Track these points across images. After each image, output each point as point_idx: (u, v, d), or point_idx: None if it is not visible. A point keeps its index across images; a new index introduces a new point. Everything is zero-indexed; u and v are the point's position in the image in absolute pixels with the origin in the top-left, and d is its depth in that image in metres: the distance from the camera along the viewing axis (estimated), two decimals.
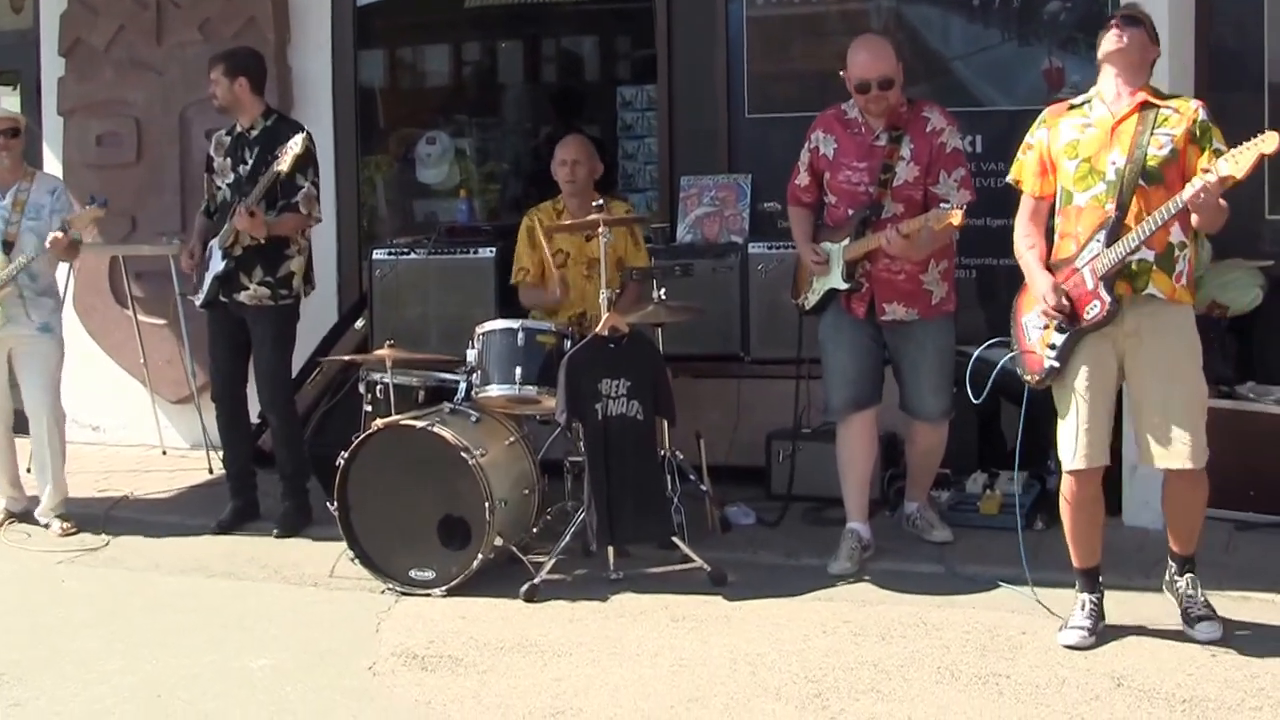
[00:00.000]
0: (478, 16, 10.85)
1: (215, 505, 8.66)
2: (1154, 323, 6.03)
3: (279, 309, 8.37)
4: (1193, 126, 6.01)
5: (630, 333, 7.29)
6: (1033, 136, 6.40)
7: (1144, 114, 6.06)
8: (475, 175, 10.98)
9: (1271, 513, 7.51)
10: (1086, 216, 6.10)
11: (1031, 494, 7.97)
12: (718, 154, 9.58)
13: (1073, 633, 6.19)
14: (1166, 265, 6.03)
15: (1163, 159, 5.98)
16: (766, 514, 8.24)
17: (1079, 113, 6.25)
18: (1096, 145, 6.11)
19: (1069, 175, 6.17)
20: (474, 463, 7.01)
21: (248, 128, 8.40)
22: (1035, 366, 6.25)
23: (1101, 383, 6.10)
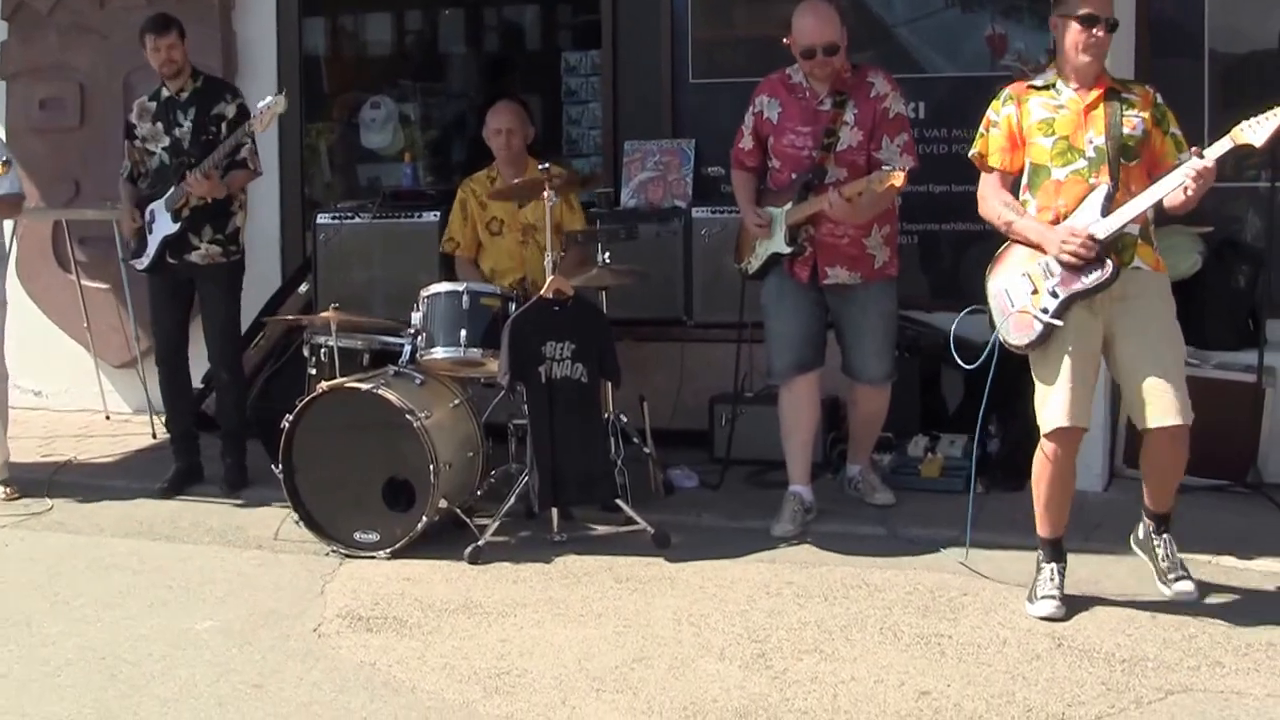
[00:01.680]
0: None
1: (159, 469, 8.65)
2: (1139, 290, 6.11)
3: (230, 264, 8.43)
4: (1154, 111, 6.18)
5: (574, 296, 7.31)
6: (998, 114, 6.40)
7: (1109, 95, 6.17)
8: (419, 140, 10.96)
9: (1209, 477, 7.58)
10: (1068, 190, 6.15)
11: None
12: (662, 119, 9.60)
13: (1046, 603, 6.16)
14: (1148, 239, 6.20)
15: (1137, 139, 6.12)
16: (709, 477, 8.28)
17: (1046, 94, 6.30)
18: (1071, 125, 6.18)
19: (1045, 151, 6.21)
20: (418, 425, 7.02)
21: (177, 91, 8.38)
22: (1026, 329, 6.17)
23: (1089, 347, 6.14)
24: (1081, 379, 6.10)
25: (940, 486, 7.89)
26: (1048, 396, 6.14)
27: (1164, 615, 6.04)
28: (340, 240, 9.31)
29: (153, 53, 8.35)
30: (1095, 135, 6.12)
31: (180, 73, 8.38)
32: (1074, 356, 6.08)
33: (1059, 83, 6.29)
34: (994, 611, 6.16)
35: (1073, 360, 6.08)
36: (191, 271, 8.38)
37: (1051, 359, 6.13)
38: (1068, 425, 6.09)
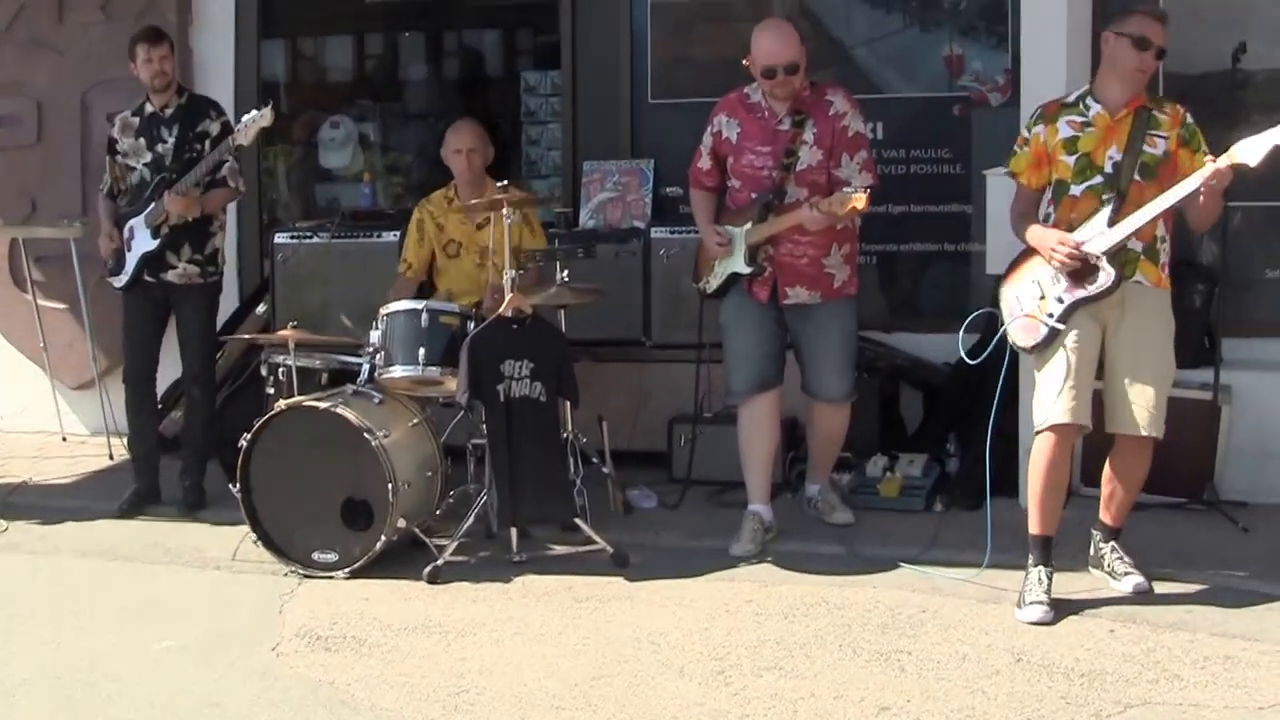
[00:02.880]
0: (381, 8, 10.82)
1: (117, 490, 8.59)
2: (1138, 303, 6.35)
3: (207, 285, 8.42)
4: (1182, 130, 6.34)
5: (533, 314, 7.31)
6: (1029, 131, 6.60)
7: (1139, 115, 6.34)
8: (379, 160, 10.95)
9: (1166, 494, 7.62)
10: (1082, 205, 6.38)
11: (931, 477, 8.06)
12: (621, 140, 9.63)
13: (1034, 609, 6.27)
14: (1152, 256, 6.38)
15: (1158, 158, 6.30)
16: (669, 497, 8.27)
17: (1075, 111, 6.48)
18: (1095, 142, 6.38)
19: (1068, 169, 6.42)
20: (377, 444, 7.00)
21: (161, 106, 8.35)
22: (1031, 332, 6.40)
23: (1089, 349, 6.36)
24: (1082, 379, 6.33)
25: (899, 506, 7.92)
26: (1050, 394, 6.35)
27: (1123, 629, 6.07)
28: (298, 260, 9.30)
29: (144, 64, 8.30)
30: (1116, 151, 6.31)
31: (168, 87, 8.35)
32: (1076, 357, 6.31)
33: (1089, 99, 6.47)
34: (954, 628, 6.17)
35: (1075, 361, 6.31)
36: (168, 291, 8.35)
37: (1055, 359, 6.35)
38: (1068, 421, 6.30)
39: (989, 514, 6.69)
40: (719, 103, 7.61)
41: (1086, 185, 6.37)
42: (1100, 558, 6.61)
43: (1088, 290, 6.25)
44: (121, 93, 9.11)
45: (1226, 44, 7.84)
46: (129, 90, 8.87)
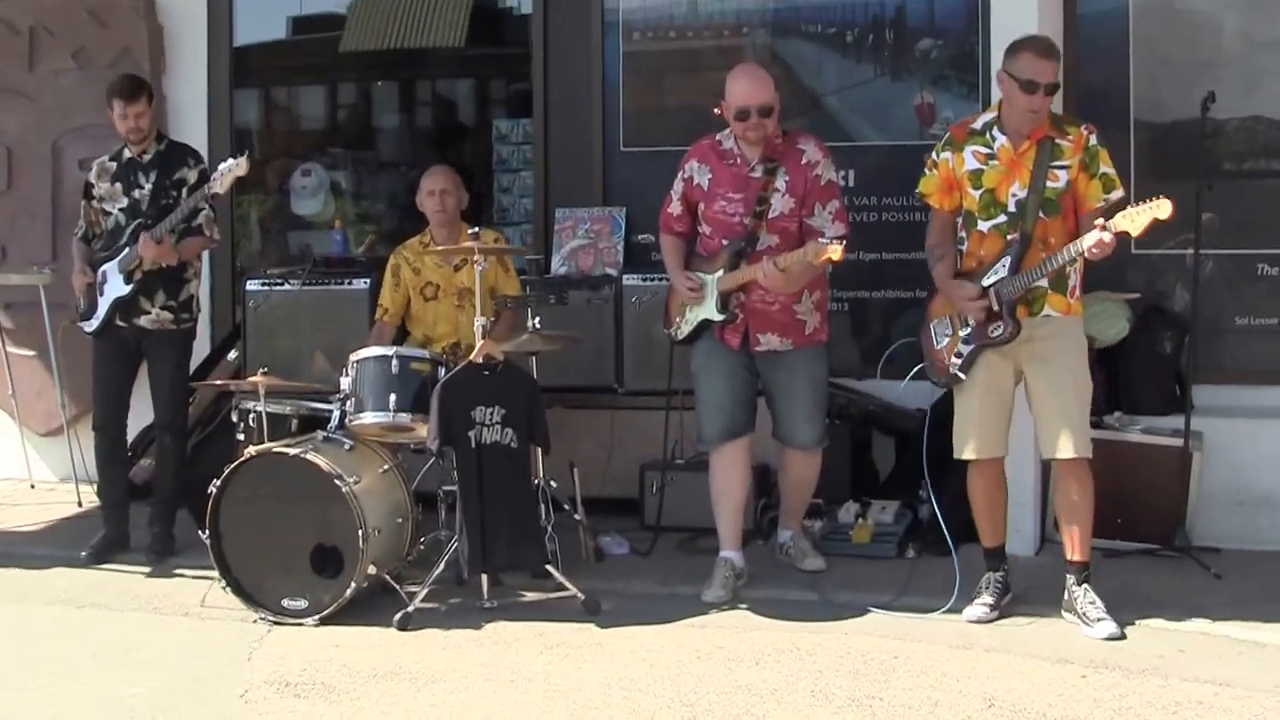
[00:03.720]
0: (354, 58, 10.83)
1: (85, 537, 8.52)
2: (1048, 333, 6.59)
3: (180, 331, 8.39)
4: (1084, 155, 6.51)
5: (505, 361, 7.30)
6: (939, 155, 6.84)
7: (1041, 146, 6.51)
8: (350, 207, 10.94)
9: (1138, 540, 7.64)
10: (989, 243, 6.62)
11: (903, 523, 8.06)
12: (593, 187, 9.66)
13: (976, 608, 6.79)
14: (1060, 287, 6.60)
15: (1059, 191, 6.50)
16: (640, 544, 8.26)
17: (981, 140, 6.68)
18: (999, 177, 6.58)
19: (974, 201, 6.65)
20: (347, 490, 6.96)
21: (140, 153, 8.35)
22: (941, 370, 6.78)
23: (997, 386, 6.68)
24: (990, 416, 6.69)
25: (871, 552, 7.91)
26: (961, 430, 6.73)
27: (1095, 675, 6.04)
28: (270, 307, 9.29)
29: (120, 118, 8.30)
30: (1019, 188, 6.50)
31: (145, 138, 8.35)
32: (984, 395, 6.67)
33: (995, 129, 6.64)
34: (925, 674, 6.14)
35: (983, 399, 6.66)
36: (140, 336, 8.32)
37: (965, 397, 6.72)
38: (975, 459, 6.70)
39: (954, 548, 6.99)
40: (691, 149, 7.63)
41: (992, 224, 6.61)
42: (1073, 601, 6.63)
43: (990, 338, 6.56)
44: (93, 140, 9.16)
45: (1196, 93, 7.87)
46: (100, 137, 8.94)
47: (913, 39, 9.12)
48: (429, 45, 10.60)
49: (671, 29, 9.60)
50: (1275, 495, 7.93)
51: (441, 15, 10.51)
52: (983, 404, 6.65)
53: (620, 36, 9.64)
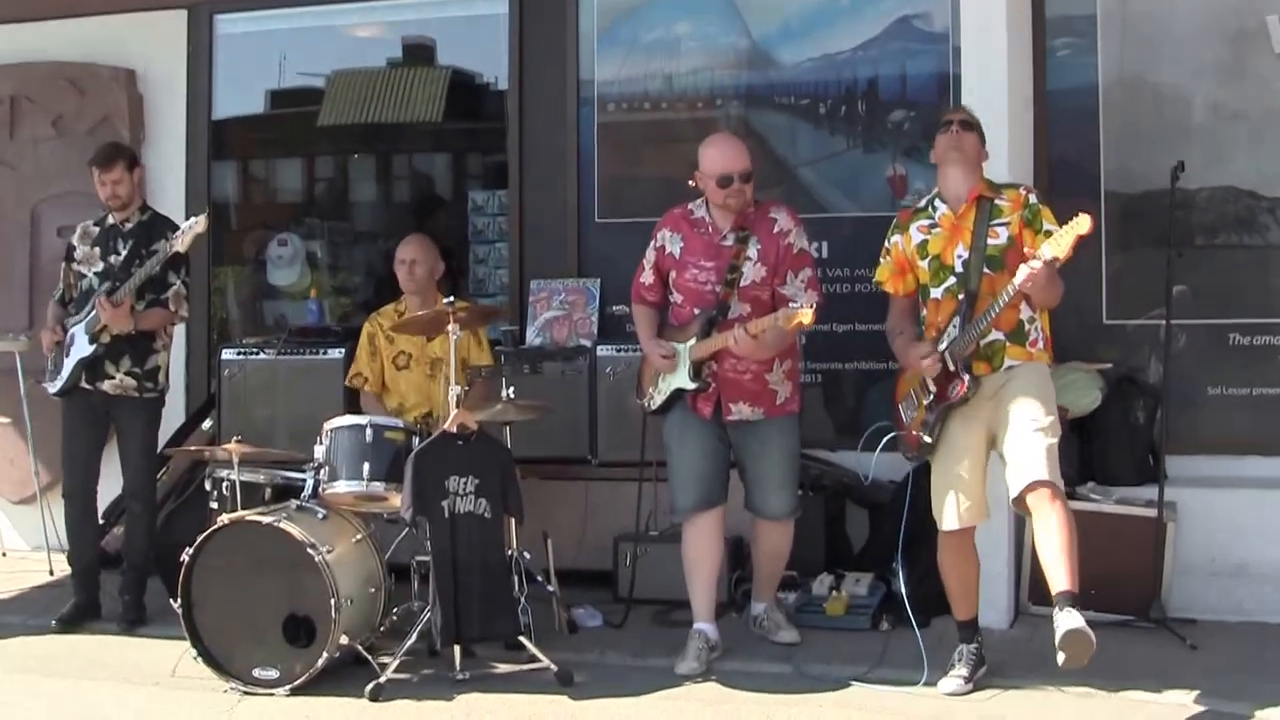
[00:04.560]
0: (331, 131, 10.89)
1: (56, 605, 8.48)
2: (1010, 378, 6.55)
3: (144, 400, 8.37)
4: (1024, 212, 6.57)
5: (479, 430, 7.30)
6: (889, 241, 6.89)
7: (980, 206, 6.60)
8: (326, 277, 10.96)
9: (1113, 611, 7.63)
10: (944, 307, 6.65)
11: (877, 595, 8.05)
12: (568, 259, 9.70)
13: (950, 680, 6.74)
14: (1019, 338, 6.59)
15: (1002, 247, 6.53)
16: (614, 616, 8.23)
17: (924, 215, 6.78)
18: (943, 242, 6.65)
19: (925, 273, 6.69)
20: (320, 559, 6.95)
21: (122, 220, 8.38)
22: (913, 443, 6.76)
23: (969, 448, 6.61)
24: (964, 482, 6.60)
25: (845, 624, 7.89)
26: (938, 499, 6.66)
27: None
28: (244, 376, 9.32)
29: (99, 185, 8.35)
30: (963, 249, 6.57)
31: (127, 205, 8.39)
32: (956, 460, 6.61)
33: (936, 200, 6.76)
34: None
35: (955, 465, 6.60)
36: (108, 404, 8.32)
37: (938, 465, 6.66)
38: (955, 528, 6.63)
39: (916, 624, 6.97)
40: (662, 218, 7.67)
41: (944, 287, 6.65)
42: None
43: (950, 399, 6.52)
44: (71, 207, 9.22)
45: (1166, 164, 7.93)
46: (79, 205, 9.04)
47: (885, 111, 9.21)
48: (406, 120, 10.67)
49: (646, 101, 9.69)
50: (1250, 565, 7.92)
51: (418, 91, 10.58)
52: (956, 470, 6.60)
53: (595, 108, 9.71)
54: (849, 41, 9.27)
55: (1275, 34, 8.44)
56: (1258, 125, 8.52)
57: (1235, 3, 8.53)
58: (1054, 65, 8.78)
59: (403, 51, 10.77)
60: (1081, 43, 8.79)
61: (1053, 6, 8.77)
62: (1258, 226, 8.54)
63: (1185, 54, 8.62)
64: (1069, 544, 6.33)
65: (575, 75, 9.73)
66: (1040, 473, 6.34)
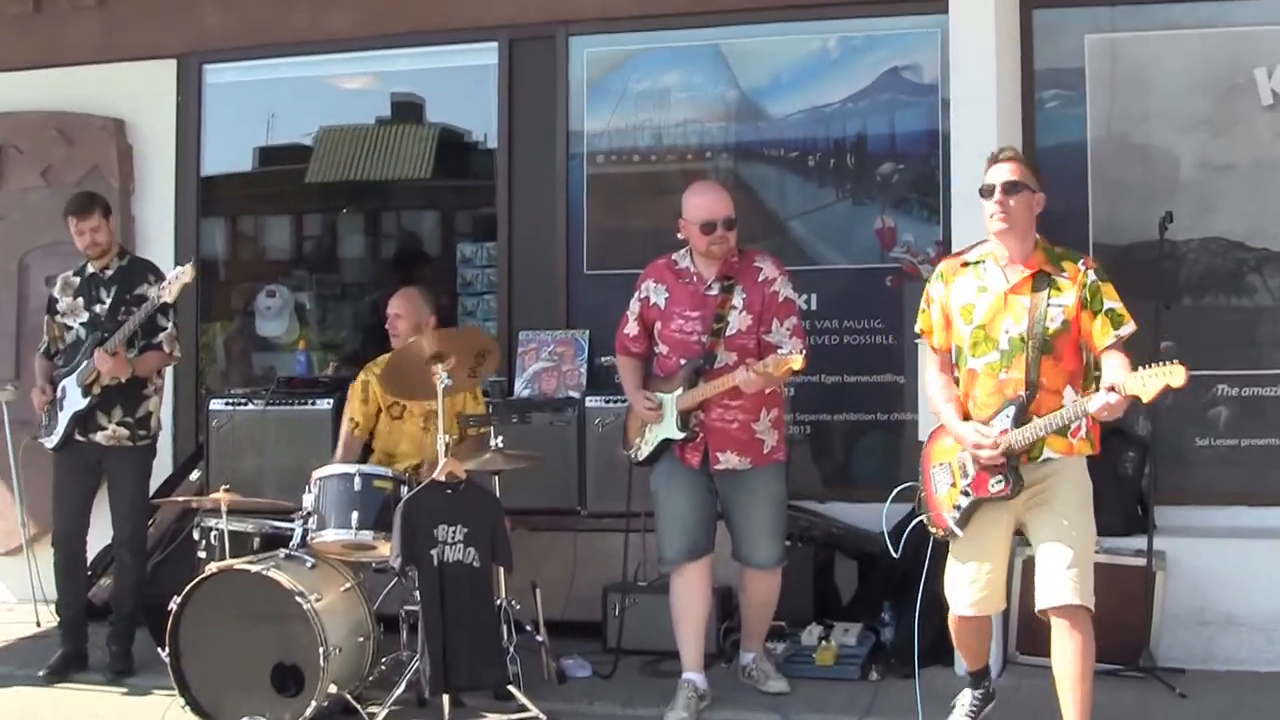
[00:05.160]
0: (320, 186, 10.94)
1: (42, 657, 8.44)
2: (1048, 475, 6.24)
3: (137, 449, 8.38)
4: (1083, 292, 6.19)
5: (468, 480, 7.31)
6: (931, 289, 6.56)
7: (1037, 282, 6.23)
8: (314, 329, 10.97)
9: (1103, 660, 7.59)
10: (982, 382, 6.29)
11: (866, 645, 8.05)
12: (556, 310, 9.72)
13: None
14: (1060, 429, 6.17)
15: (1056, 330, 6.16)
16: (603, 666, 8.21)
17: (974, 272, 6.40)
18: (991, 313, 6.28)
19: (964, 338, 6.35)
20: (309, 608, 6.96)
21: (101, 268, 8.40)
22: (940, 524, 6.42)
23: (996, 539, 6.36)
24: (985, 570, 6.36)
25: (834, 674, 7.88)
26: (955, 583, 6.42)
27: None
28: (233, 426, 9.33)
29: (76, 235, 8.38)
30: (1014, 324, 6.21)
31: (105, 253, 8.41)
32: (979, 548, 6.34)
33: (990, 259, 6.37)
34: None
35: (977, 553, 6.35)
36: (100, 453, 8.33)
37: (960, 548, 6.39)
38: (970, 615, 6.44)
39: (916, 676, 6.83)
40: (646, 269, 7.73)
41: (984, 361, 6.27)
42: None
43: (989, 493, 6.21)
44: (59, 257, 9.22)
45: (1154, 216, 8.00)
46: (66, 255, 9.00)
47: (874, 163, 9.26)
48: (395, 177, 10.75)
49: (635, 153, 9.73)
50: (1238, 615, 7.94)
51: (407, 148, 10.64)
52: (977, 558, 6.36)
53: (584, 160, 9.76)
54: (838, 93, 9.32)
55: (1263, 87, 8.52)
56: (1245, 177, 8.60)
57: (1223, 56, 8.62)
58: (1043, 117, 8.84)
59: (391, 108, 10.82)
60: (1070, 95, 8.85)
61: (1041, 59, 8.84)
62: (1245, 278, 8.60)
63: (1173, 106, 8.70)
64: (1083, 676, 6.17)
65: (565, 126, 9.78)
66: (1069, 596, 6.10)
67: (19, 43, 10.62)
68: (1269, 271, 8.56)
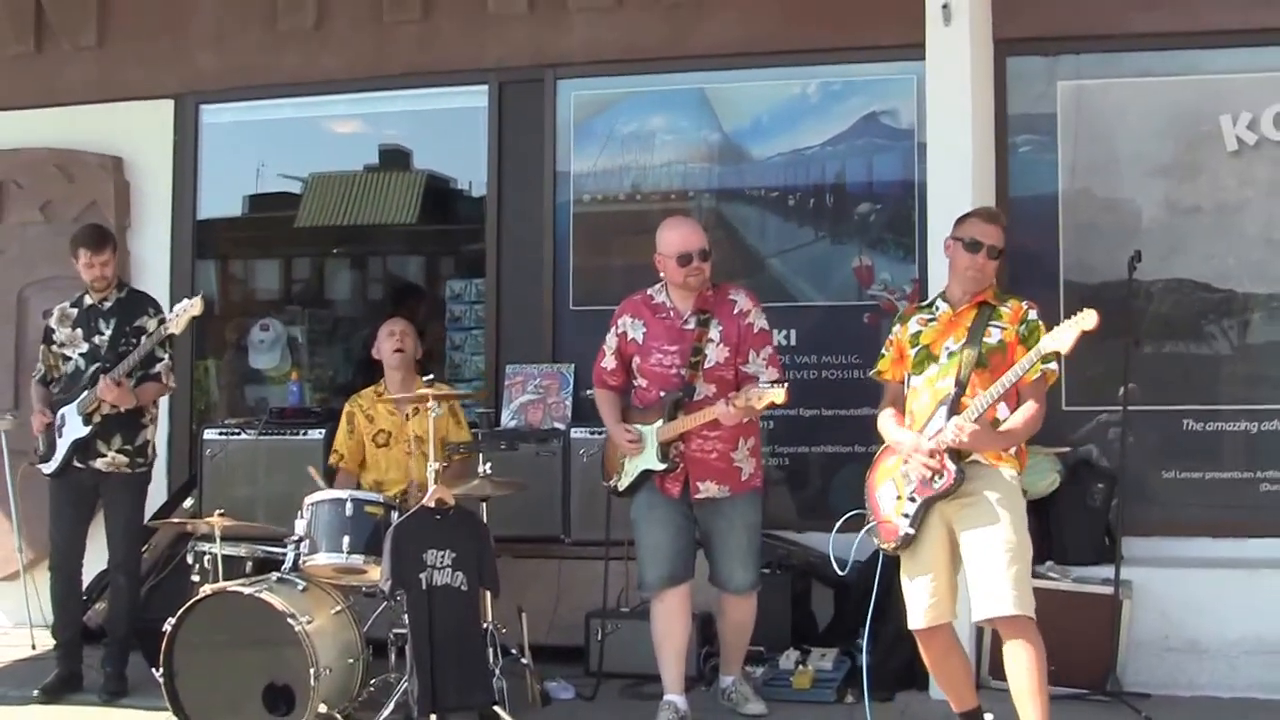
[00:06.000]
0: (311, 230, 11.15)
1: (37, 679, 8.54)
2: (974, 484, 6.42)
3: (135, 475, 8.53)
4: (1021, 327, 6.54)
5: (456, 506, 7.49)
6: (892, 333, 6.93)
7: (981, 309, 6.61)
8: (306, 362, 11.14)
9: (1070, 685, 7.81)
10: (919, 395, 6.63)
11: (842, 670, 8.22)
12: (542, 344, 9.90)
13: None
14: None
15: (992, 347, 6.50)
16: (586, 689, 8.35)
17: (926, 310, 6.81)
18: (934, 334, 6.67)
19: (910, 360, 6.70)
20: (300, 629, 7.09)
21: (100, 299, 8.56)
22: (890, 535, 6.59)
23: (936, 550, 6.52)
24: (936, 579, 6.50)
25: (811, 697, 8.05)
26: (910, 599, 6.55)
27: None
28: (226, 456, 9.47)
29: (85, 267, 8.51)
30: (954, 342, 6.56)
31: (108, 285, 8.57)
32: (923, 562, 6.51)
33: (940, 300, 6.77)
34: None
35: (921, 567, 6.52)
36: (98, 479, 8.47)
37: (907, 564, 6.56)
38: (925, 626, 6.53)
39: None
40: (622, 304, 7.93)
41: (923, 376, 6.64)
42: None
43: (934, 489, 6.42)
44: (57, 291, 9.35)
45: (1122, 256, 8.23)
46: (64, 289, 9.15)
47: (852, 204, 9.47)
48: (384, 222, 10.99)
49: (620, 192, 9.92)
50: (1202, 641, 8.13)
51: (395, 195, 10.93)
52: (926, 568, 6.51)
53: (571, 199, 9.94)
54: (817, 137, 9.53)
55: (1228, 134, 8.77)
56: (1211, 221, 8.85)
57: (1190, 103, 8.86)
58: (1015, 161, 9.07)
59: (380, 154, 11.07)
60: (1042, 140, 9.09)
61: (1014, 105, 9.08)
62: (1210, 318, 8.84)
63: (1142, 151, 8.95)
64: (1039, 684, 6.32)
65: (552, 166, 9.96)
66: (1008, 606, 6.25)
67: (20, 82, 10.81)
68: (1233, 312, 8.82)
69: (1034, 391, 6.45)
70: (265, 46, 10.52)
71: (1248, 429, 8.73)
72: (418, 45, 10.26)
